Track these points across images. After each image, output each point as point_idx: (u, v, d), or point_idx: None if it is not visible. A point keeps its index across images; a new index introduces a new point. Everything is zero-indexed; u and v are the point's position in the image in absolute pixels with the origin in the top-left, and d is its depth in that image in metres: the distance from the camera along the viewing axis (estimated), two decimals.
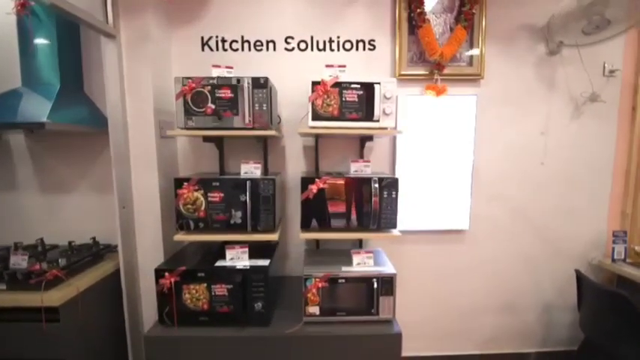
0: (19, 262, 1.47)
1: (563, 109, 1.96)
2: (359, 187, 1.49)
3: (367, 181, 1.49)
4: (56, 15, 1.62)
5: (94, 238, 1.84)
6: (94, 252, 1.73)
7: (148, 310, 1.74)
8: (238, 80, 1.45)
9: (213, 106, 1.46)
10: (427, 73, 1.86)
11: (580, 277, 1.74)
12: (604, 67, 1.92)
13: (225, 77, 1.46)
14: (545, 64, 1.92)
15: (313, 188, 1.46)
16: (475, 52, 1.86)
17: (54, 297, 1.36)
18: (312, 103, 1.47)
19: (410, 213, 1.93)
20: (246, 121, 1.46)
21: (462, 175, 1.94)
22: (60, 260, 1.56)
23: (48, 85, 1.64)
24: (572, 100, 1.95)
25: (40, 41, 1.63)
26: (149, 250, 1.71)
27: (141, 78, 1.61)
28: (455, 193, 1.95)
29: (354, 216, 1.51)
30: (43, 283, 1.36)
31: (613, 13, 1.60)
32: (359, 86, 1.48)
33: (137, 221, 1.69)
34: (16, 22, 1.65)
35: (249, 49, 1.85)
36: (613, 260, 1.93)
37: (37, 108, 1.55)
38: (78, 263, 1.60)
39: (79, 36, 1.81)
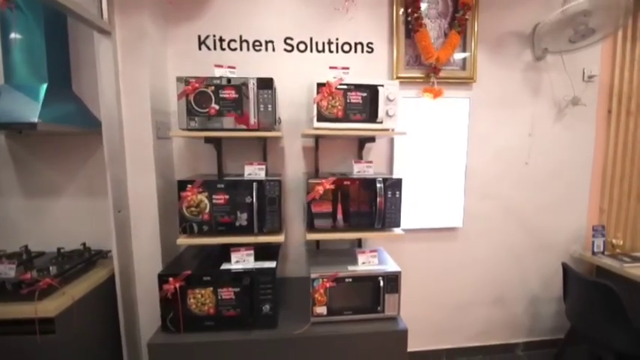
0: (6, 271, 1.38)
1: (548, 111, 2.08)
2: (364, 187, 1.52)
3: (372, 181, 1.51)
4: (43, 9, 1.54)
5: (84, 244, 1.76)
6: (86, 258, 1.65)
7: (146, 318, 1.68)
8: (244, 81, 1.43)
9: (216, 107, 1.43)
10: (423, 75, 1.91)
11: (566, 270, 1.85)
12: (583, 72, 2.06)
13: (231, 77, 1.44)
14: (532, 69, 2.03)
15: (319, 189, 1.47)
16: (466, 54, 1.94)
17: (49, 307, 1.29)
18: (317, 105, 1.48)
19: (406, 212, 1.97)
20: (252, 122, 1.44)
21: (455, 174, 2.01)
22: (51, 268, 1.48)
23: (33, 84, 1.54)
24: (555, 104, 2.08)
25: (25, 37, 1.53)
26: (146, 255, 1.65)
27: (138, 77, 1.55)
28: (449, 192, 2.02)
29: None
30: (36, 293, 1.29)
31: (595, 22, 1.72)
32: (363, 88, 1.50)
33: (133, 225, 1.63)
34: None
35: (248, 49, 1.82)
36: (593, 253, 2.07)
37: (21, 107, 1.46)
38: (70, 271, 1.52)
39: (66, 32, 1.72)
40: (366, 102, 1.51)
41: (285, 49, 1.85)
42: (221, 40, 1.80)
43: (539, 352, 2.24)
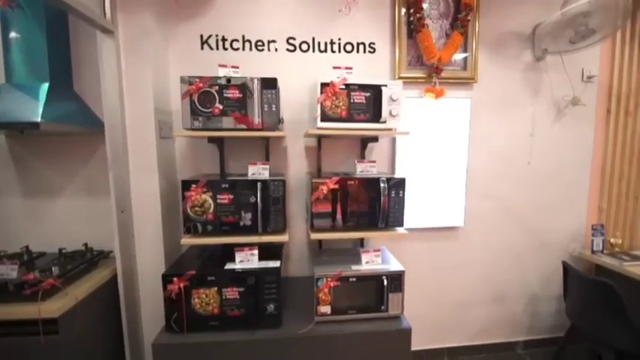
0: (8, 272, 1.37)
1: (547, 111, 2.10)
2: (368, 186, 1.52)
3: (375, 181, 1.52)
4: (44, 8, 1.53)
5: (86, 244, 1.75)
6: (88, 259, 1.64)
7: (148, 318, 1.68)
8: (248, 81, 1.43)
9: (220, 107, 1.43)
10: (425, 76, 1.92)
11: (567, 268, 1.87)
12: (583, 73, 2.08)
13: (234, 77, 1.44)
14: (532, 69, 2.05)
15: (324, 189, 1.47)
16: (467, 55, 1.95)
17: (52, 307, 1.28)
18: (321, 105, 1.48)
19: (408, 211, 1.98)
20: (256, 121, 1.44)
21: (457, 174, 2.03)
22: (53, 269, 1.47)
23: (35, 83, 1.53)
24: (555, 104, 2.09)
25: (27, 36, 1.52)
26: (149, 255, 1.65)
27: (140, 77, 1.55)
28: (450, 192, 2.03)
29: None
30: (39, 294, 1.28)
31: (594, 22, 1.74)
32: (367, 88, 1.51)
33: (136, 225, 1.63)
34: None
35: (251, 49, 1.82)
36: (592, 252, 2.09)
37: (23, 107, 1.44)
38: (73, 271, 1.50)
39: (67, 31, 1.70)
40: (369, 102, 1.52)
41: (288, 49, 1.85)
42: (224, 39, 1.80)
43: (539, 350, 2.26)
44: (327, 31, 1.86)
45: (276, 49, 1.84)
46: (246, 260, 1.47)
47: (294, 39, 1.84)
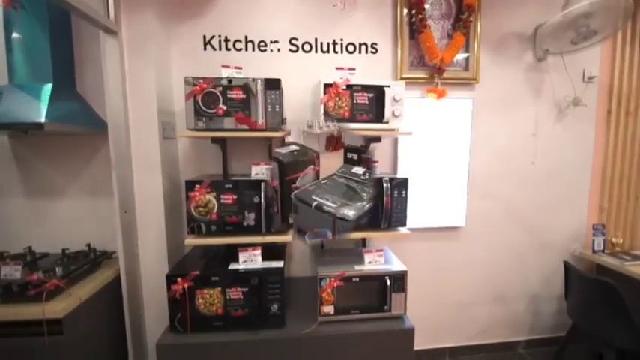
0: (11, 272, 1.37)
1: (549, 112, 2.11)
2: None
3: (378, 180, 1.52)
4: (48, 8, 1.53)
5: (89, 245, 1.75)
6: (92, 259, 1.65)
7: (151, 318, 1.69)
8: (252, 81, 1.44)
9: (224, 107, 1.44)
10: (427, 76, 1.93)
11: (568, 268, 1.88)
12: (583, 73, 2.09)
13: (236, 78, 1.45)
14: (533, 70, 2.06)
15: None
16: (469, 55, 1.96)
17: (57, 308, 1.28)
18: (324, 105, 1.49)
19: (410, 211, 1.98)
20: (259, 122, 1.45)
21: (458, 174, 2.03)
22: (57, 269, 1.47)
23: (39, 83, 1.53)
24: (556, 104, 2.10)
25: (30, 36, 1.52)
26: (152, 255, 1.66)
27: (144, 77, 1.55)
28: (452, 192, 2.04)
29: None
30: (44, 294, 1.28)
31: (596, 23, 1.75)
32: (370, 89, 1.51)
33: (139, 226, 1.63)
34: (2, 16, 1.53)
35: (253, 50, 1.82)
36: (593, 251, 2.10)
37: (27, 107, 1.44)
38: (76, 272, 1.51)
39: (70, 31, 1.71)
40: (372, 102, 1.53)
41: (290, 50, 1.85)
42: (226, 40, 1.80)
43: (540, 349, 2.27)
44: (329, 32, 1.86)
45: (278, 50, 1.84)
46: (250, 260, 1.48)
47: (296, 40, 1.84)
